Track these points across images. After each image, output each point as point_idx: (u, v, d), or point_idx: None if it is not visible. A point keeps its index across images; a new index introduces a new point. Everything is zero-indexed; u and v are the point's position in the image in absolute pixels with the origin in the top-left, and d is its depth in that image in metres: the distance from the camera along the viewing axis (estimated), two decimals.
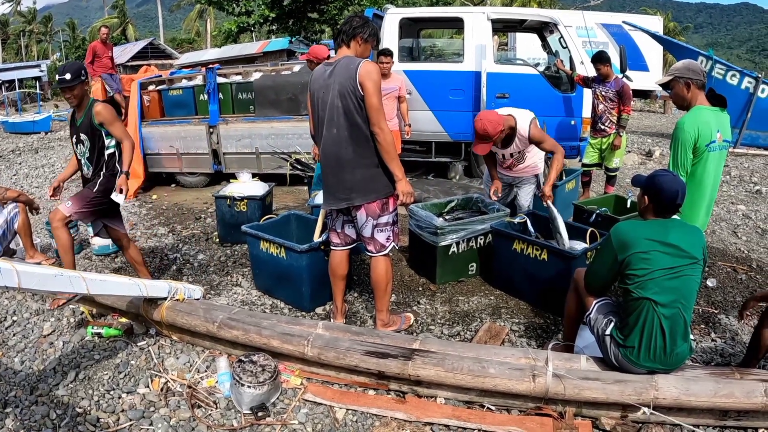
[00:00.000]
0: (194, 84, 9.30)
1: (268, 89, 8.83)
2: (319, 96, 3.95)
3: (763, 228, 7.75)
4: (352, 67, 3.77)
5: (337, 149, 3.93)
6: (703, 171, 3.98)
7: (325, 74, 3.90)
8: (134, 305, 4.40)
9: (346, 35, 3.92)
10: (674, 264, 3.24)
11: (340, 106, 3.82)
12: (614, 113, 7.88)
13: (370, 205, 4.02)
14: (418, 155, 9.66)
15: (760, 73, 13.84)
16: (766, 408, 3.31)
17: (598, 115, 7.98)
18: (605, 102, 7.86)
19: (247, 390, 3.45)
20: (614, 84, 7.79)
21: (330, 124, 3.90)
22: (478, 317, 4.84)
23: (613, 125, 7.92)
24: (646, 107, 25.57)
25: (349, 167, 3.93)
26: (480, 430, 3.41)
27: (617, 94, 7.79)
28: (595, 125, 8.05)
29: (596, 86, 7.95)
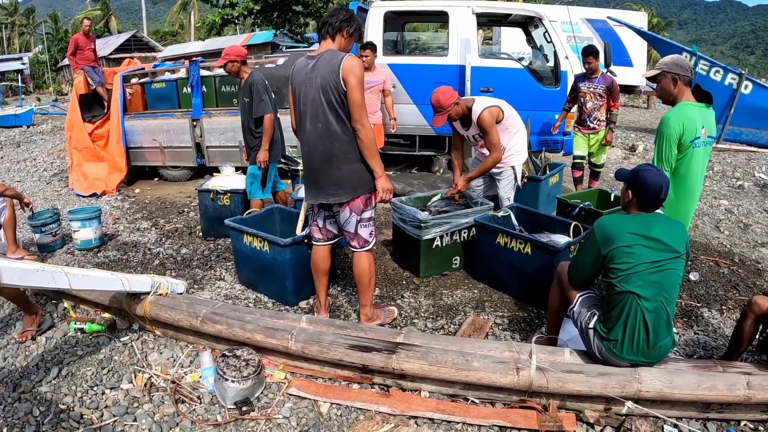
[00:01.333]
0: (177, 77, 9.27)
1: None
2: (300, 90, 3.91)
3: (746, 222, 7.82)
4: (335, 61, 3.73)
5: (321, 144, 3.90)
6: (687, 166, 4.00)
7: (307, 67, 3.86)
8: (117, 300, 4.37)
9: (331, 28, 3.87)
10: (657, 258, 3.26)
11: (323, 101, 3.79)
12: (603, 110, 7.83)
13: (355, 201, 4.01)
14: (402, 149, 9.66)
15: (743, 70, 13.97)
16: (748, 400, 3.35)
17: (586, 113, 7.89)
18: (594, 99, 7.78)
19: (231, 385, 3.44)
20: (602, 80, 7.75)
21: (314, 119, 3.88)
22: (461, 311, 4.85)
23: (602, 123, 7.89)
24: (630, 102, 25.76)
25: (335, 163, 3.91)
26: (464, 423, 3.42)
27: (607, 89, 7.73)
28: (583, 123, 7.99)
29: (582, 83, 7.85)
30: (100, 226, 6.36)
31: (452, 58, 8.79)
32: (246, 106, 5.94)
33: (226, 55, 5.89)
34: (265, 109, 5.82)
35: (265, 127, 5.89)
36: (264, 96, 5.81)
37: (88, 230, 6.20)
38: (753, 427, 3.51)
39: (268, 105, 5.85)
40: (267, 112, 5.84)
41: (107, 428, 3.33)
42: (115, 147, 9.06)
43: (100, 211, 6.41)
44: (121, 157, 9.04)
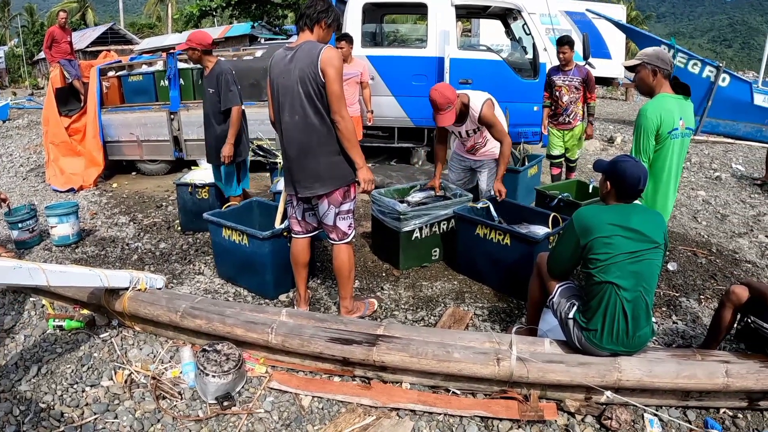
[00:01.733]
0: (155, 69, 9.16)
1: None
2: (279, 81, 3.89)
3: (723, 213, 7.91)
4: (314, 52, 3.71)
5: (299, 136, 3.89)
6: (665, 158, 4.02)
7: (285, 59, 3.84)
8: (95, 296, 4.32)
9: (309, 19, 3.84)
10: (636, 248, 3.29)
11: (301, 93, 3.77)
12: (579, 104, 7.57)
13: (333, 194, 4.00)
14: (380, 141, 9.66)
15: (720, 63, 14.10)
16: (727, 388, 3.39)
17: (562, 107, 7.59)
18: (570, 92, 7.51)
19: (211, 380, 3.43)
20: (577, 72, 7.47)
21: (291, 111, 3.86)
22: (441, 302, 4.87)
23: (578, 117, 7.62)
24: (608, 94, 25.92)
25: (312, 155, 3.90)
26: (446, 414, 3.44)
27: (582, 81, 7.47)
28: (558, 117, 7.69)
29: (556, 76, 7.57)
30: (77, 222, 6.30)
31: (431, 50, 8.82)
32: (210, 97, 5.76)
33: (188, 41, 5.67)
34: (234, 101, 5.67)
35: (232, 119, 5.69)
36: (232, 87, 5.66)
37: (65, 226, 6.14)
38: (732, 414, 3.56)
39: (236, 96, 5.70)
40: (235, 104, 5.68)
41: (88, 426, 3.30)
42: (92, 141, 8.97)
43: (77, 207, 6.34)
44: (98, 152, 8.96)
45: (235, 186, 6.11)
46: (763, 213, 8.11)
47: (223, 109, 5.67)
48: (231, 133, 5.72)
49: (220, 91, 5.60)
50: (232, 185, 6.09)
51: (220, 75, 5.58)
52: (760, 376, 3.42)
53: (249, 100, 8.48)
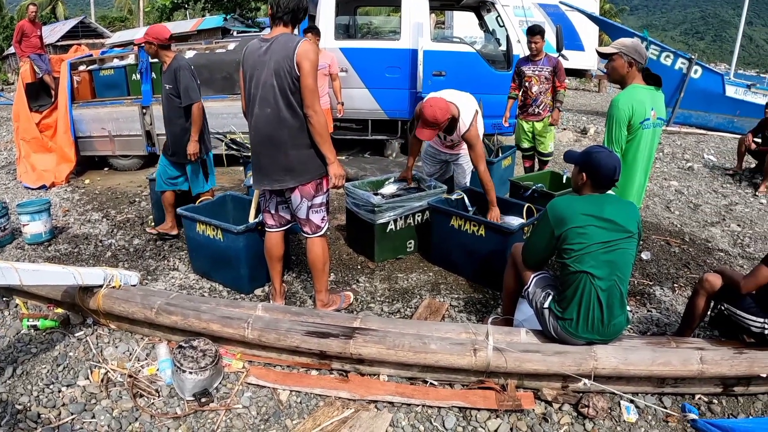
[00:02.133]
0: (126, 63, 9.05)
1: (201, 68, 8.58)
2: (252, 73, 3.86)
3: (695, 203, 8.01)
4: (290, 45, 3.69)
5: (270, 129, 3.87)
6: (637, 148, 4.07)
7: (260, 50, 3.81)
8: (69, 295, 4.26)
9: (284, 13, 3.81)
10: (610, 238, 3.33)
11: (275, 85, 3.75)
12: (549, 94, 7.41)
13: (305, 187, 4.00)
14: (354, 133, 9.66)
15: (693, 55, 14.26)
16: (702, 374, 3.46)
17: (531, 97, 7.43)
18: (540, 83, 7.35)
19: (188, 376, 3.41)
20: (547, 61, 7.33)
21: (263, 103, 3.84)
22: (417, 294, 4.90)
23: (548, 108, 7.45)
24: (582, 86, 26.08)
25: (284, 148, 3.89)
26: (424, 405, 3.46)
27: (552, 71, 7.31)
28: (527, 108, 7.53)
29: (526, 66, 7.41)
30: (50, 219, 6.22)
31: (404, 42, 8.81)
32: (168, 93, 5.62)
33: (146, 35, 5.54)
34: (194, 97, 5.53)
35: (193, 116, 5.57)
36: (191, 82, 5.53)
37: (37, 224, 6.05)
38: (707, 400, 3.63)
39: (196, 92, 5.57)
40: (196, 99, 5.55)
41: (65, 427, 3.27)
42: (64, 137, 8.85)
43: (49, 204, 6.26)
44: (69, 147, 8.83)
45: (203, 181, 6.02)
46: (734, 202, 8.24)
47: (183, 105, 5.57)
48: (194, 130, 5.61)
49: (179, 87, 5.49)
50: (199, 181, 6.00)
51: (178, 70, 5.46)
52: (734, 363, 3.48)
53: (221, 93, 8.47)
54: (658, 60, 14.06)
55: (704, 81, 14.18)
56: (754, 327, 3.61)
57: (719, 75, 14.94)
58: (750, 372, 3.51)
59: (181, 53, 5.78)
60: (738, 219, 7.50)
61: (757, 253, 6.26)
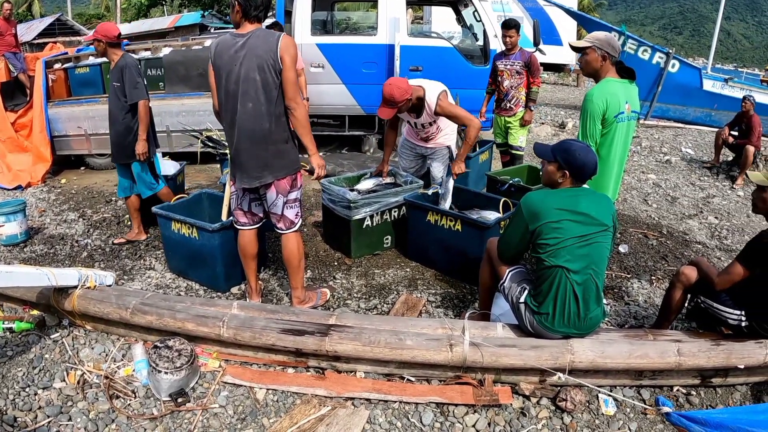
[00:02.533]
0: (102, 61, 8.92)
1: (178, 65, 8.60)
2: (228, 69, 3.83)
3: (673, 196, 8.09)
4: (271, 40, 3.71)
5: (253, 124, 3.85)
6: (612, 141, 4.08)
7: (236, 45, 3.78)
8: (45, 296, 4.23)
9: (256, 9, 3.80)
10: (585, 232, 3.34)
11: (257, 80, 3.75)
12: (522, 89, 7.14)
13: (281, 182, 3.99)
14: (331, 129, 9.64)
15: (670, 49, 14.35)
16: (679, 366, 3.48)
17: (503, 92, 7.22)
18: (512, 77, 7.11)
19: (164, 376, 3.40)
20: (520, 56, 7.06)
21: (245, 99, 3.81)
22: (394, 290, 4.90)
23: (520, 103, 7.19)
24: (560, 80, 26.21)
25: (263, 143, 3.88)
26: (401, 402, 3.46)
27: (525, 66, 7.05)
28: (499, 103, 7.35)
29: (499, 61, 7.21)
30: (25, 220, 6.15)
31: (381, 37, 8.80)
32: (114, 91, 5.47)
33: (95, 33, 5.41)
34: (140, 95, 5.41)
35: (140, 114, 5.44)
36: (138, 80, 5.40)
37: (12, 225, 5.97)
38: (685, 392, 3.66)
39: (142, 90, 5.45)
40: (142, 97, 5.42)
41: (42, 430, 3.24)
42: (39, 136, 8.76)
43: (25, 204, 6.19)
44: (45, 147, 8.74)
45: (150, 183, 5.85)
46: (712, 195, 8.32)
47: (129, 103, 5.44)
48: (141, 128, 5.51)
49: (125, 85, 5.37)
50: (147, 183, 5.82)
51: (124, 68, 5.35)
52: (711, 354, 3.51)
53: (198, 90, 8.41)
54: (636, 54, 14.15)
55: (682, 75, 14.29)
56: (731, 319, 3.64)
57: (697, 69, 15.06)
58: (727, 363, 3.53)
59: (128, 53, 5.62)
60: (715, 211, 7.57)
61: (734, 244, 6.33)
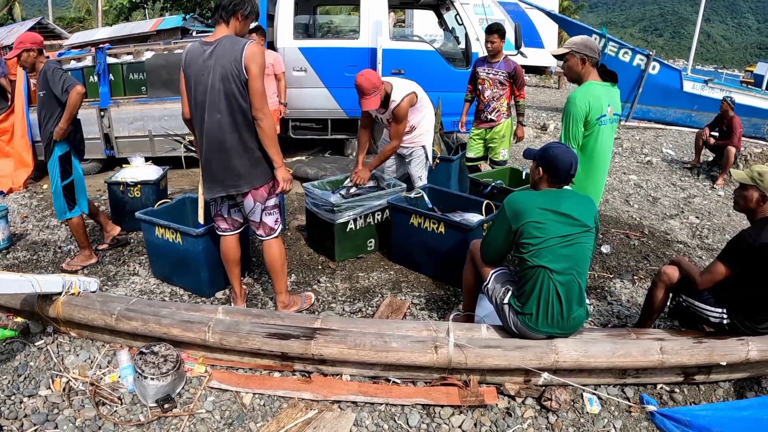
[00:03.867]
0: (83, 65, 8.90)
1: (160, 69, 8.57)
2: (198, 79, 3.79)
3: (654, 196, 8.16)
4: (236, 48, 3.65)
5: (220, 135, 3.82)
6: (594, 143, 4.13)
7: (204, 54, 3.74)
8: (28, 303, 4.19)
9: (225, 11, 3.74)
10: (567, 232, 3.38)
11: (222, 90, 3.71)
12: (503, 100, 6.72)
13: (258, 191, 4.00)
14: (314, 133, 9.66)
15: (651, 51, 14.48)
16: (662, 364, 3.53)
17: (483, 102, 6.78)
18: (494, 87, 6.68)
19: (150, 382, 3.39)
20: (504, 65, 6.62)
21: (212, 109, 3.78)
22: (378, 293, 4.92)
23: (501, 115, 6.76)
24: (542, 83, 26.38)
25: (236, 154, 3.86)
26: (387, 404, 3.48)
27: (509, 76, 6.63)
28: (479, 114, 6.89)
29: (481, 68, 6.78)
30: (7, 226, 6.10)
31: (363, 40, 8.83)
32: (43, 99, 5.11)
33: (20, 43, 5.10)
34: (73, 82, 4.98)
35: (70, 100, 4.92)
36: (64, 76, 4.99)
37: None
38: (669, 389, 3.71)
39: (73, 79, 5.04)
40: (75, 83, 4.97)
41: None
42: (21, 141, 8.69)
43: (6, 211, 6.12)
44: (27, 152, 8.68)
45: (65, 206, 5.32)
46: (693, 195, 8.40)
47: (65, 99, 4.96)
48: (66, 114, 5.00)
49: (55, 86, 4.97)
50: (62, 204, 5.30)
51: (47, 71, 5.02)
52: (693, 352, 3.56)
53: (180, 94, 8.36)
54: (617, 56, 14.25)
55: (662, 77, 14.41)
56: (713, 317, 3.69)
57: (677, 71, 15.19)
58: (710, 360, 3.58)
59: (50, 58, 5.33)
60: (696, 211, 7.65)
61: (715, 243, 6.40)
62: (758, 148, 10.41)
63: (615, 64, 13.43)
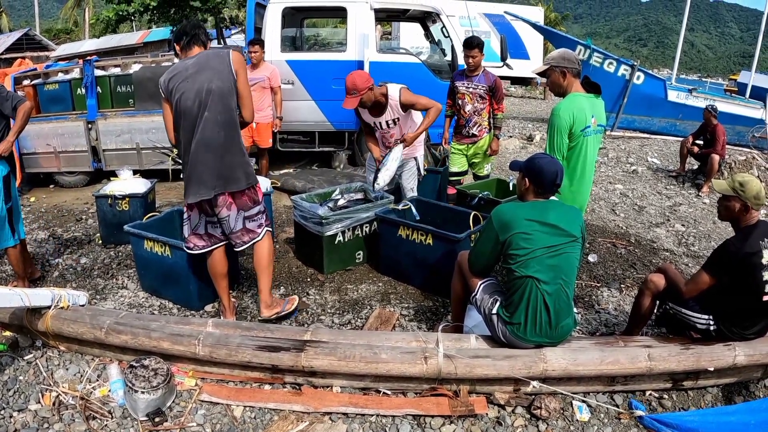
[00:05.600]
0: (71, 77, 8.91)
1: (148, 81, 8.56)
2: (182, 89, 3.90)
3: (640, 205, 8.22)
4: (223, 54, 3.94)
5: (210, 133, 3.93)
6: (578, 155, 4.16)
7: (186, 69, 3.92)
8: (17, 317, 4.17)
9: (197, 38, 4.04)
10: (554, 243, 3.41)
11: (211, 91, 3.87)
12: (485, 114, 6.60)
13: (241, 198, 4.09)
14: (301, 145, 9.69)
15: (635, 61, 14.64)
16: (650, 371, 3.57)
17: (464, 117, 6.63)
18: (474, 101, 6.53)
19: (141, 396, 3.38)
20: (484, 78, 6.48)
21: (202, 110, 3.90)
22: (367, 304, 4.92)
23: (483, 129, 6.65)
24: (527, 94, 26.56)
25: (220, 153, 3.97)
26: (378, 415, 3.49)
27: (489, 90, 6.48)
28: (460, 129, 6.75)
29: (460, 82, 6.63)
30: None
31: (351, 53, 8.88)
32: None
33: None
34: (21, 99, 4.79)
35: (18, 115, 4.72)
36: (10, 93, 4.82)
37: None
38: (658, 395, 3.75)
39: (18, 96, 4.84)
40: (24, 101, 4.78)
41: None
42: None
43: None
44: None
45: (9, 233, 4.99)
46: (678, 203, 8.48)
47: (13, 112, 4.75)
48: (14, 129, 4.82)
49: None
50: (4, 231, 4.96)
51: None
52: (681, 358, 3.61)
53: None
54: (602, 67, 14.40)
55: (647, 86, 14.57)
56: (700, 324, 3.73)
57: (661, 80, 15.38)
58: (697, 366, 3.63)
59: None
60: (682, 219, 7.72)
61: (701, 251, 6.46)
62: (742, 155, 10.49)
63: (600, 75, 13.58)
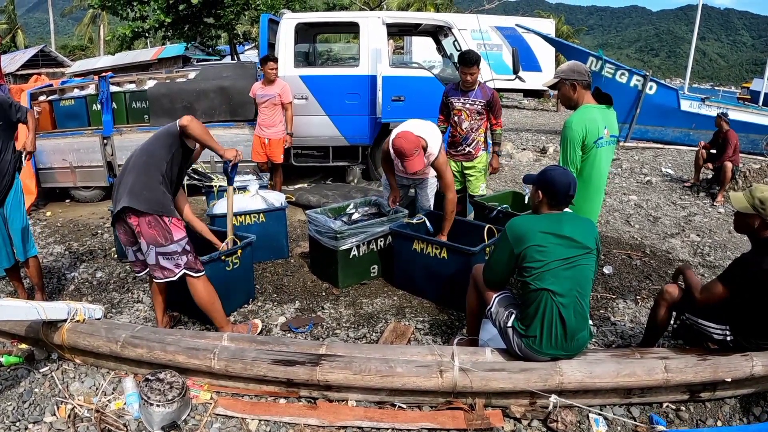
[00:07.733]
0: (87, 93, 9.01)
1: (162, 97, 8.67)
2: None
3: (655, 216, 8.17)
4: None
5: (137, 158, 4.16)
6: (592, 166, 4.15)
7: None
8: (33, 329, 4.22)
9: None
10: (569, 255, 3.40)
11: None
12: (482, 131, 6.29)
13: (150, 231, 4.08)
14: (315, 160, 9.74)
15: (647, 72, 14.62)
16: (667, 383, 3.53)
17: (461, 134, 6.26)
18: (471, 118, 6.17)
19: (156, 409, 3.38)
20: (481, 93, 6.11)
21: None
22: (382, 318, 4.92)
23: (480, 147, 6.31)
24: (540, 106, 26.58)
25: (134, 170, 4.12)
26: (393, 429, 3.46)
27: (486, 105, 6.12)
28: (456, 147, 6.36)
29: (455, 98, 6.21)
30: None
31: (363, 68, 8.91)
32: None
33: None
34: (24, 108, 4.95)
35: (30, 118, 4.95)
36: (15, 103, 4.92)
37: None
38: (675, 407, 3.70)
39: (23, 106, 4.97)
40: (26, 109, 4.95)
41: None
42: (24, 169, 8.73)
43: None
44: (30, 179, 8.71)
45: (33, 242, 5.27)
46: (693, 213, 8.43)
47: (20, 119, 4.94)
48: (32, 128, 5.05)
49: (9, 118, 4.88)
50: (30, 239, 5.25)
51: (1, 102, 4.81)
52: (698, 369, 3.56)
53: None
54: (614, 78, 14.39)
55: (659, 96, 14.54)
56: (716, 334, 3.69)
57: (674, 90, 15.33)
58: (715, 377, 3.58)
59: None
60: (697, 229, 7.67)
61: (717, 261, 6.42)
62: (757, 164, 10.47)
63: (612, 86, 13.58)
